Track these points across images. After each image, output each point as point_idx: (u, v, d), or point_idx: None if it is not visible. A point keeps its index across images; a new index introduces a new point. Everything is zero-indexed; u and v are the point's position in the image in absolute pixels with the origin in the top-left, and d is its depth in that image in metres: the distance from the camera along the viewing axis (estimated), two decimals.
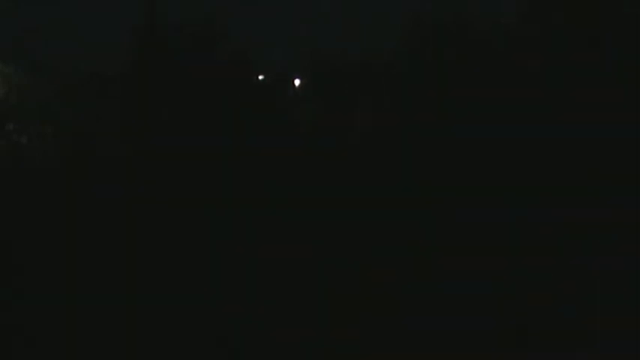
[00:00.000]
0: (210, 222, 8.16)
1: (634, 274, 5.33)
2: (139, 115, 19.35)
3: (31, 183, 12.93)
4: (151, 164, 18.20)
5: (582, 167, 14.75)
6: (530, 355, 3.64)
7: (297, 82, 26.07)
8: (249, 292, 4.90)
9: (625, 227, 7.54)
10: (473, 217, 8.39)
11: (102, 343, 3.86)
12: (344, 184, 12.90)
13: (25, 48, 20.75)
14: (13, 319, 4.27)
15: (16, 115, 17.88)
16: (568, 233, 7.23)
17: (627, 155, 14.64)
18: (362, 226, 7.77)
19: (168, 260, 5.98)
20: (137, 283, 5.19)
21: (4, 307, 4.54)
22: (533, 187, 11.56)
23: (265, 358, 3.62)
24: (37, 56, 19.97)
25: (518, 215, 8.49)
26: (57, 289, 4.99)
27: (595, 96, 15.48)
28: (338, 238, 6.98)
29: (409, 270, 5.56)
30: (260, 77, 25.88)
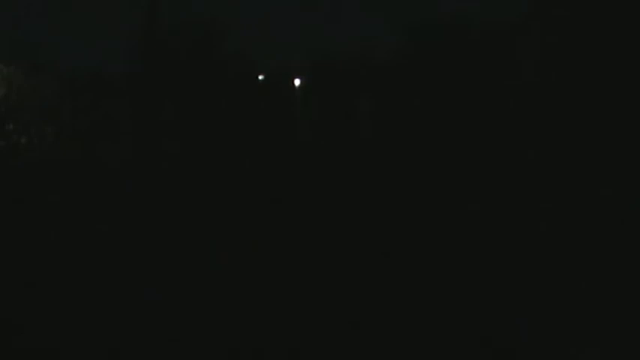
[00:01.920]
0: (210, 222, 8.17)
1: (634, 274, 5.33)
2: (139, 115, 19.38)
3: (30, 183, 12.96)
4: (151, 164, 18.24)
5: (582, 166, 14.77)
6: (530, 354, 3.64)
7: (297, 82, 26.12)
8: (248, 292, 4.89)
9: (625, 227, 7.54)
10: (473, 216, 8.40)
11: (101, 342, 3.86)
12: (343, 183, 12.92)
13: (25, 48, 20.76)
14: (12, 319, 4.27)
15: (16, 115, 17.89)
16: (567, 232, 7.24)
17: (628, 154, 14.66)
18: (361, 225, 7.78)
19: (167, 260, 5.98)
20: (137, 283, 5.19)
21: (3, 306, 4.55)
22: (533, 185, 11.58)
23: (265, 358, 3.62)
24: (37, 56, 20.01)
25: (517, 214, 8.51)
26: (56, 288, 5.00)
27: (596, 94, 15.50)
28: (337, 238, 6.99)
29: (409, 269, 5.56)
30: (260, 77, 25.92)
